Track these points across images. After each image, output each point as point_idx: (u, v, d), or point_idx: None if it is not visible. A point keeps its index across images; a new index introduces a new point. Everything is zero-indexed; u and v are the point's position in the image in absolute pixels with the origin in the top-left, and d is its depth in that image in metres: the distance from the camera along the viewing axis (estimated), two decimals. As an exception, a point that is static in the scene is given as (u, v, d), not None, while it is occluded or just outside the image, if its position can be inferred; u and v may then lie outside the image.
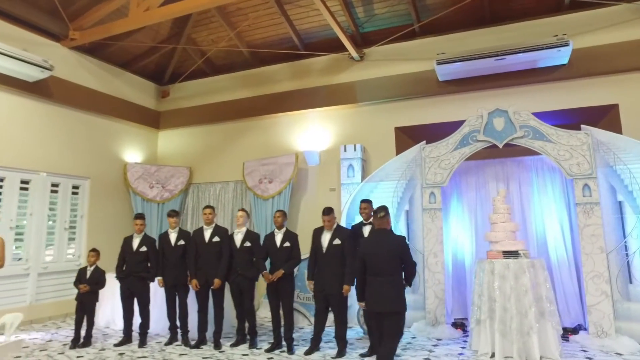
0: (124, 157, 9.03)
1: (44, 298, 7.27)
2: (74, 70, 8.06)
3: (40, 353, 5.49)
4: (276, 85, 8.84)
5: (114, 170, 8.73)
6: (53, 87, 7.54)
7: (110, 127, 8.80)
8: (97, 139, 8.49)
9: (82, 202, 8.12)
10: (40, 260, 7.35)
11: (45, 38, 7.61)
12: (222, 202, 9.03)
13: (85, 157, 8.21)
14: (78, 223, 8.02)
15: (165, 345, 5.84)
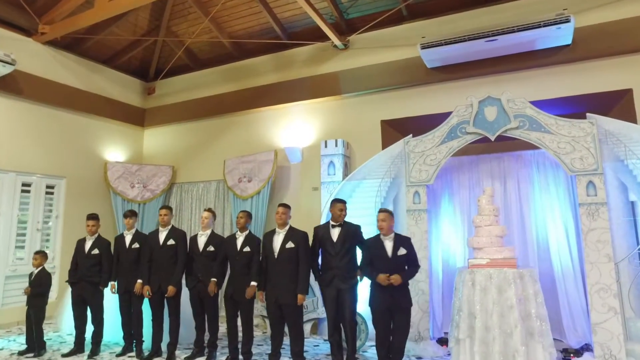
0: (105, 155, 8.72)
1: (11, 302, 6.99)
2: (48, 66, 7.80)
3: (-22, 361, 5.18)
4: (259, 78, 8.32)
5: (93, 169, 8.43)
6: (23, 83, 7.30)
7: (89, 125, 8.50)
8: (74, 137, 8.20)
9: (57, 202, 7.84)
10: (8, 262, 7.09)
11: (15, 33, 7.38)
12: (204, 202, 8.59)
13: (61, 155, 7.93)
14: (53, 224, 7.74)
15: (117, 357, 5.40)
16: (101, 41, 8.25)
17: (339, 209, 4.99)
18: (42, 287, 5.53)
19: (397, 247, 4.58)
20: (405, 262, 4.58)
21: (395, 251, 4.57)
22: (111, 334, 5.83)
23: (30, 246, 7.35)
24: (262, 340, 6.11)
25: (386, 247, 4.63)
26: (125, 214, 5.80)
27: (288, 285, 4.75)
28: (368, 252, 4.73)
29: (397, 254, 4.55)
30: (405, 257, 4.57)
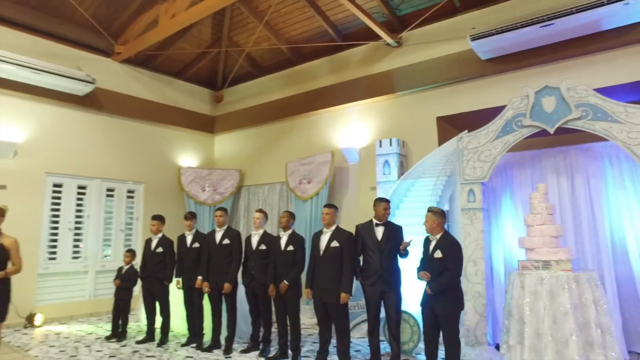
0: (179, 161, 9.45)
1: (102, 294, 7.83)
2: (125, 82, 8.65)
3: (73, 343, 5.89)
4: (316, 81, 8.48)
5: (169, 174, 9.18)
6: (103, 99, 8.18)
7: (164, 134, 9.28)
8: (151, 145, 9.01)
9: (137, 205, 8.69)
10: (97, 259, 7.98)
11: (96, 55, 8.27)
12: (269, 204, 8.92)
13: (139, 163, 8.76)
14: (134, 225, 8.58)
15: (182, 346, 5.82)
16: (171, 56, 8.94)
17: (383, 207, 4.96)
18: (130, 281, 6.20)
19: (436, 249, 4.44)
20: (443, 265, 4.37)
21: (432, 252, 4.44)
22: (179, 325, 6.30)
23: (115, 245, 8.20)
24: (316, 338, 6.22)
25: (429, 247, 4.53)
26: (186, 216, 6.22)
27: (332, 284, 4.80)
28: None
29: (434, 256, 4.40)
30: (442, 261, 4.36)
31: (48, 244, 7.50)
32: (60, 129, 7.73)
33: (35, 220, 7.31)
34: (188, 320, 6.01)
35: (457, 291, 4.39)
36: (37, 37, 7.57)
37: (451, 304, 4.30)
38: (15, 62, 6.84)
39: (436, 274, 4.30)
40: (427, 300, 4.41)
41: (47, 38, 7.67)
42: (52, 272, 7.49)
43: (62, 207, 7.71)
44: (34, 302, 7.15)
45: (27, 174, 7.28)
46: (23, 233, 6.95)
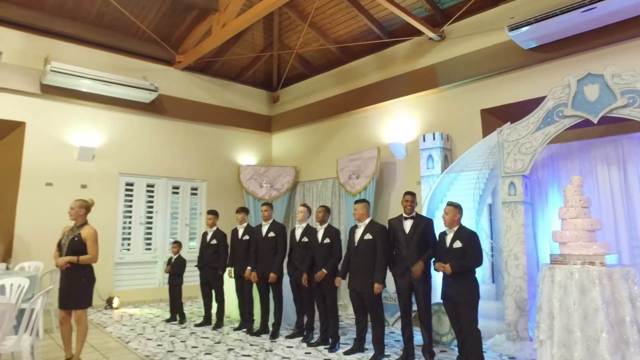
0: (239, 160, 10.10)
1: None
2: (186, 88, 9.42)
3: (142, 324, 6.67)
4: (364, 79, 8.66)
5: (229, 172, 9.85)
6: (167, 105, 9.01)
7: (224, 134, 9.97)
8: (212, 146, 9.73)
9: (200, 201, 9.45)
10: (165, 250, 8.84)
11: (159, 64, 9.11)
12: (322, 199, 9.25)
13: (202, 162, 9.52)
14: (198, 220, 9.34)
15: (235, 330, 6.33)
16: (227, 61, 9.55)
17: (405, 200, 5.10)
18: (179, 269, 6.87)
19: (454, 240, 4.56)
20: (462, 255, 4.49)
21: (451, 244, 4.56)
22: (234, 311, 6.82)
23: (181, 238, 8.99)
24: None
25: (446, 240, 4.66)
26: (237, 210, 6.71)
27: (365, 275, 5.02)
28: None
29: (453, 247, 4.52)
30: (462, 250, 4.49)
31: (122, 237, 8.49)
32: (131, 133, 8.66)
33: (112, 216, 8.30)
34: (240, 307, 6.53)
35: (474, 280, 4.53)
36: (109, 52, 8.52)
37: (468, 291, 4.48)
38: (92, 77, 7.80)
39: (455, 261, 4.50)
40: (446, 291, 4.57)
41: (117, 53, 8.60)
42: (127, 261, 8.49)
43: (134, 203, 8.68)
44: (112, 287, 8.14)
45: (104, 174, 8.29)
46: (101, 226, 7.86)
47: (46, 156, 7.73)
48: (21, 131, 7.63)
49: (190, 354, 5.13)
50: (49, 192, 7.59)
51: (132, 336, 5.96)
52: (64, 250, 4.49)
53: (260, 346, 5.51)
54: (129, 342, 5.65)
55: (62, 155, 7.91)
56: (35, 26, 7.82)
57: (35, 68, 7.70)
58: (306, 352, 5.27)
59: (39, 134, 7.72)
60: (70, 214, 4.61)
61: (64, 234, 4.60)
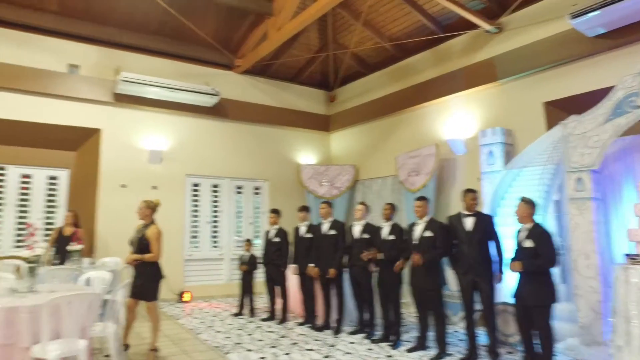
0: (299, 159, 10.34)
1: (235, 278, 8.89)
2: (246, 91, 9.79)
3: (211, 317, 7.07)
4: (420, 75, 8.59)
5: (290, 171, 10.12)
6: (228, 108, 9.41)
7: (284, 135, 10.26)
8: (273, 146, 10.05)
9: (263, 200, 9.82)
10: (231, 248, 9.26)
11: (219, 69, 9.53)
12: (382, 197, 9.26)
13: (264, 162, 9.87)
14: (261, 218, 9.70)
15: (299, 325, 6.54)
16: (284, 63, 9.80)
17: (470, 198, 5.05)
18: (252, 266, 7.21)
19: (527, 239, 4.44)
20: (534, 254, 4.36)
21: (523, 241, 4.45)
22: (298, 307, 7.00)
23: (245, 236, 9.34)
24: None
25: (518, 238, 4.55)
26: (299, 209, 6.93)
27: (425, 272, 5.04)
28: None
29: (525, 246, 4.41)
30: (533, 249, 4.36)
31: (190, 235, 8.98)
32: (196, 136, 9.15)
33: (180, 215, 8.84)
34: (303, 303, 6.73)
35: (548, 282, 4.33)
36: (173, 60, 9.05)
37: (541, 296, 4.28)
38: (158, 85, 8.34)
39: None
40: (518, 292, 4.44)
41: (180, 60, 9.11)
42: (195, 258, 9.00)
43: (201, 203, 9.17)
44: (183, 283, 8.64)
45: (172, 176, 8.83)
46: (171, 225, 8.53)
47: (120, 160, 8.36)
48: (98, 137, 8.30)
49: (256, 347, 5.38)
50: (124, 193, 8.18)
51: (202, 328, 6.33)
52: (133, 247, 4.89)
53: (323, 341, 5.67)
54: (199, 334, 6.01)
55: (135, 158, 8.52)
56: (107, 40, 8.46)
57: (108, 79, 8.33)
58: (368, 348, 5.37)
59: (113, 140, 8.36)
60: (138, 214, 5.01)
61: (135, 232, 5.00)
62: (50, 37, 8.03)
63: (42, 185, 8.17)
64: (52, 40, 8.04)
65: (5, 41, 7.68)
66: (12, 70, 7.62)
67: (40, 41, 7.95)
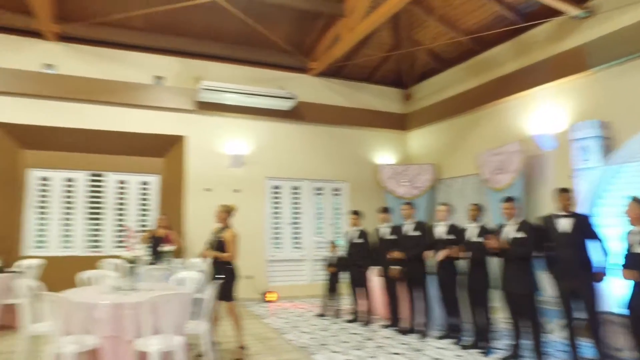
0: (377, 160, 10.29)
1: (318, 279, 8.98)
2: (321, 93, 9.91)
3: (295, 317, 7.22)
4: (501, 68, 8.15)
5: (369, 172, 10.11)
6: (305, 111, 9.58)
7: (361, 135, 10.26)
8: (350, 147, 10.10)
9: (343, 201, 9.94)
10: (312, 249, 9.46)
11: (294, 73, 9.73)
12: (464, 196, 8.91)
13: (342, 163, 9.95)
14: (341, 219, 9.81)
15: (384, 328, 6.47)
16: (357, 63, 9.77)
17: (566, 198, 4.74)
18: (340, 267, 7.25)
19: None
20: None
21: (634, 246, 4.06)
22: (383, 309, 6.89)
23: (326, 237, 9.47)
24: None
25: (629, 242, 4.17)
26: (379, 210, 6.89)
27: (519, 275, 4.80)
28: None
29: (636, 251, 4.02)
30: None
31: (273, 236, 9.27)
32: (274, 140, 9.41)
33: (261, 217, 9.16)
34: (388, 305, 6.62)
35: None
36: (249, 67, 9.38)
37: None
38: (236, 91, 8.69)
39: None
40: (634, 303, 4.06)
41: (256, 66, 9.43)
42: (278, 259, 9.26)
43: (281, 205, 9.44)
44: (267, 283, 8.93)
45: (253, 179, 9.16)
46: (253, 227, 8.87)
47: (204, 165, 8.80)
48: (182, 144, 8.77)
49: (341, 348, 5.39)
50: (208, 197, 8.57)
51: (287, 328, 6.46)
52: (211, 249, 5.10)
53: (409, 345, 5.56)
54: (285, 334, 6.12)
55: (217, 163, 8.93)
56: (188, 51, 8.96)
57: (190, 88, 8.78)
58: (457, 354, 5.19)
59: (197, 146, 8.81)
60: (216, 217, 5.25)
61: (212, 234, 5.24)
62: (137, 52, 8.67)
63: (136, 190, 8.84)
64: (138, 54, 8.68)
65: (98, 59, 8.40)
66: (105, 85, 8.30)
67: (128, 56, 8.61)
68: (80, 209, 8.43)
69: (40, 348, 4.29)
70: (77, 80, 8.15)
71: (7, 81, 7.76)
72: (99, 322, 3.71)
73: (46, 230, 8.24)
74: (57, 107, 8.03)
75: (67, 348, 3.57)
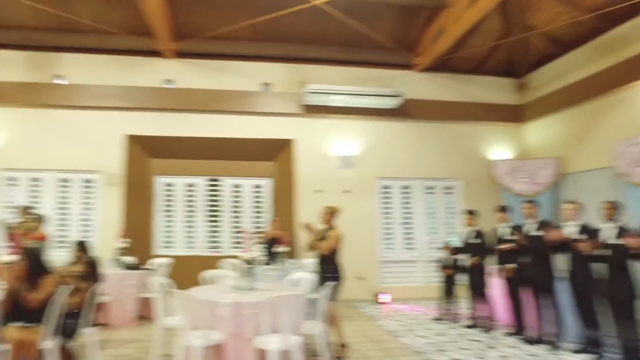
0: (490, 155, 9.67)
1: (433, 281, 8.25)
2: (427, 89, 9.57)
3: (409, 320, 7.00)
4: (634, 46, 7.18)
5: (483, 168, 9.54)
6: (411, 108, 9.31)
7: (472, 130, 9.71)
8: (461, 143, 9.62)
9: (456, 200, 9.48)
10: (425, 250, 9.18)
11: (398, 70, 9.50)
12: (594, 192, 7.97)
13: (453, 160, 9.51)
14: (455, 219, 9.35)
15: (508, 335, 5.99)
16: (465, 55, 9.24)
17: None
18: (455, 269, 6.89)
19: None
20: None
21: None
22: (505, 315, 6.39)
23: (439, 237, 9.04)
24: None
25: None
26: (497, 209, 6.44)
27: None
28: None
29: None
30: None
31: (384, 237, 9.14)
32: (382, 139, 9.30)
33: (372, 217, 9.07)
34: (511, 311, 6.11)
35: None
36: (352, 67, 9.38)
37: None
38: (341, 93, 8.73)
39: None
40: None
41: (359, 66, 9.41)
42: (390, 260, 9.10)
43: (392, 205, 9.29)
44: (380, 284, 8.81)
45: (362, 179, 9.11)
46: (364, 227, 8.87)
47: (313, 167, 8.96)
48: (292, 147, 9.02)
49: (462, 356, 5.07)
50: (318, 198, 8.64)
51: (402, 331, 6.26)
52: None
53: (538, 357, 5.06)
54: (400, 337, 5.93)
55: (326, 164, 9.03)
56: (293, 56, 9.20)
57: (296, 92, 9.00)
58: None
59: (306, 148, 9.01)
60: (321, 218, 5.38)
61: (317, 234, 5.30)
62: (245, 61, 9.11)
63: (250, 193, 9.27)
64: (246, 64, 9.12)
65: (211, 71, 8.99)
66: (218, 94, 8.86)
67: (237, 66, 9.10)
68: (200, 211, 9.06)
69: (172, 339, 4.59)
70: (193, 92, 8.81)
71: (134, 97, 8.65)
72: (222, 320, 3.86)
73: (172, 231, 9.00)
74: (177, 118, 8.75)
75: (195, 342, 3.77)
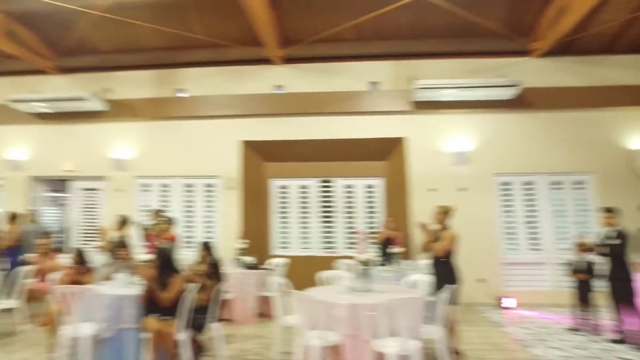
0: (630, 145, 8.47)
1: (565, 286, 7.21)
2: (549, 76, 8.71)
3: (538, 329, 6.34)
4: None
5: (619, 160, 8.41)
6: (531, 97, 8.54)
7: (603, 117, 8.58)
8: (591, 133, 8.54)
9: (588, 196, 8.47)
10: (553, 251, 8.34)
11: (513, 57, 8.77)
12: None
13: (583, 152, 8.50)
14: (587, 217, 8.38)
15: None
16: (592, 34, 8.20)
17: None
18: (590, 274, 6.17)
19: None
20: None
21: None
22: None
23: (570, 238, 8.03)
24: None
25: None
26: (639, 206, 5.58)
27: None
28: None
29: None
30: None
31: (506, 237, 8.49)
32: (498, 133, 8.67)
33: (491, 216, 8.49)
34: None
35: None
36: (462, 59, 8.90)
37: None
38: (452, 86, 8.27)
39: None
40: None
41: (469, 57, 8.90)
42: (513, 261, 8.42)
43: (513, 202, 8.61)
44: (502, 287, 8.19)
45: (479, 176, 8.59)
46: (483, 226, 8.38)
47: (426, 164, 8.67)
48: (403, 146, 8.81)
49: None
50: (433, 197, 8.32)
51: (531, 341, 5.71)
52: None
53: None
54: (530, 347, 5.41)
55: (439, 162, 8.68)
56: (399, 53, 9.01)
57: (405, 89, 8.77)
58: None
59: (418, 146, 8.74)
60: (433, 218, 5.24)
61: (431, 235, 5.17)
62: (351, 61, 9.11)
63: (362, 193, 9.26)
64: (352, 64, 9.13)
65: (318, 74, 9.17)
66: (326, 97, 9.00)
67: (344, 67, 9.15)
68: (314, 213, 9.27)
69: (291, 337, 4.70)
70: (302, 96, 9.05)
71: (247, 105, 9.14)
72: (339, 320, 3.85)
73: (287, 232, 9.32)
74: (288, 122, 9.05)
75: (314, 342, 3.81)
